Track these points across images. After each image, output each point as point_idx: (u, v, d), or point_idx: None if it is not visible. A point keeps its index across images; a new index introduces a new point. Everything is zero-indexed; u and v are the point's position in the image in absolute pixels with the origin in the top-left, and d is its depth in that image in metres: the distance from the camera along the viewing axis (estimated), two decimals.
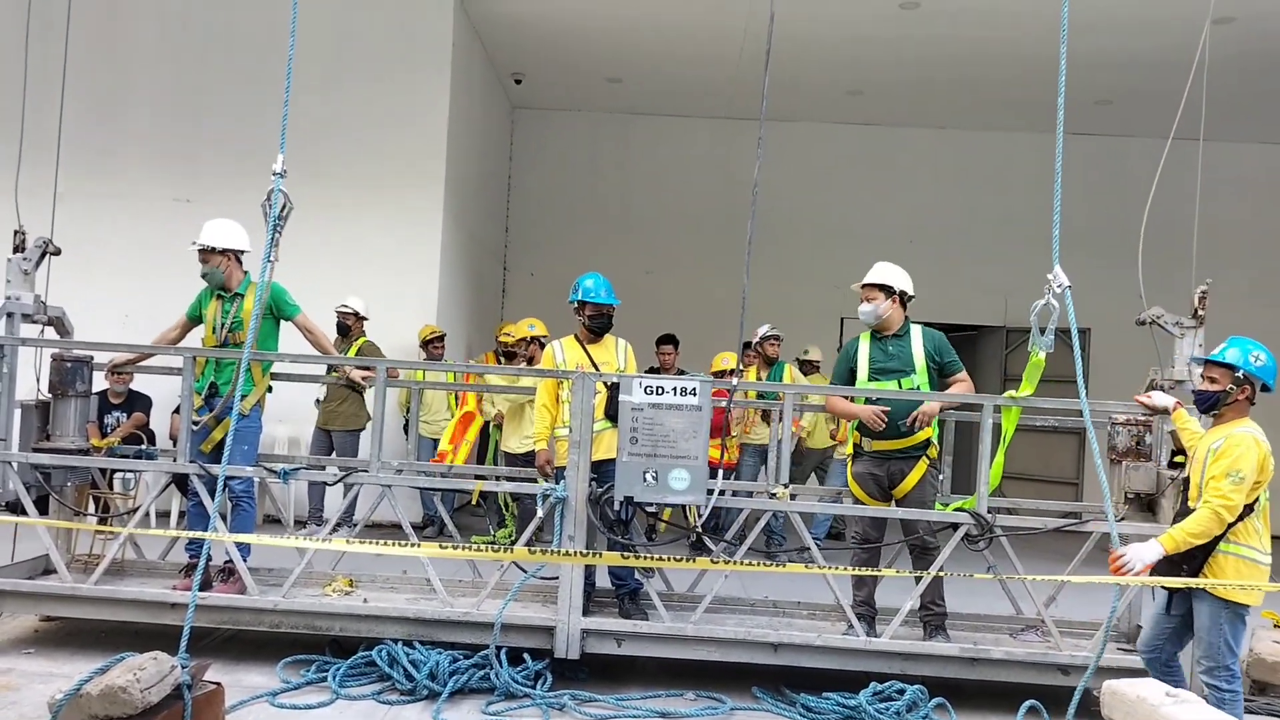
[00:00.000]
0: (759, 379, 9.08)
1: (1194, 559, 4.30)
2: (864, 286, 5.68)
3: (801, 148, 13.81)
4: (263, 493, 9.24)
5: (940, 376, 5.61)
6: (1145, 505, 5.37)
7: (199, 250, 5.86)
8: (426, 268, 10.21)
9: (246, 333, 5.68)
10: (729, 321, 5.98)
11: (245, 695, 4.80)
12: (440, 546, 4.73)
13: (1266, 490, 4.28)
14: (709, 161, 13.88)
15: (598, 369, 5.79)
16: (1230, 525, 4.22)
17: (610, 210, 14.11)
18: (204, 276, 5.91)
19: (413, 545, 4.53)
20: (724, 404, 5.80)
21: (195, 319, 6.03)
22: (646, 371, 7.77)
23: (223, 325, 5.85)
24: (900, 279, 5.67)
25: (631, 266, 12.95)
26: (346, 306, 9.03)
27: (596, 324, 5.93)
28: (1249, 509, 4.23)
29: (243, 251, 5.92)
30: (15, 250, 5.79)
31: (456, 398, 9.38)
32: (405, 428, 8.70)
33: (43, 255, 5.87)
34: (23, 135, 6.21)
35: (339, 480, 5.54)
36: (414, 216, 10.15)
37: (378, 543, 4.54)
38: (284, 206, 4.97)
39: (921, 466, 5.51)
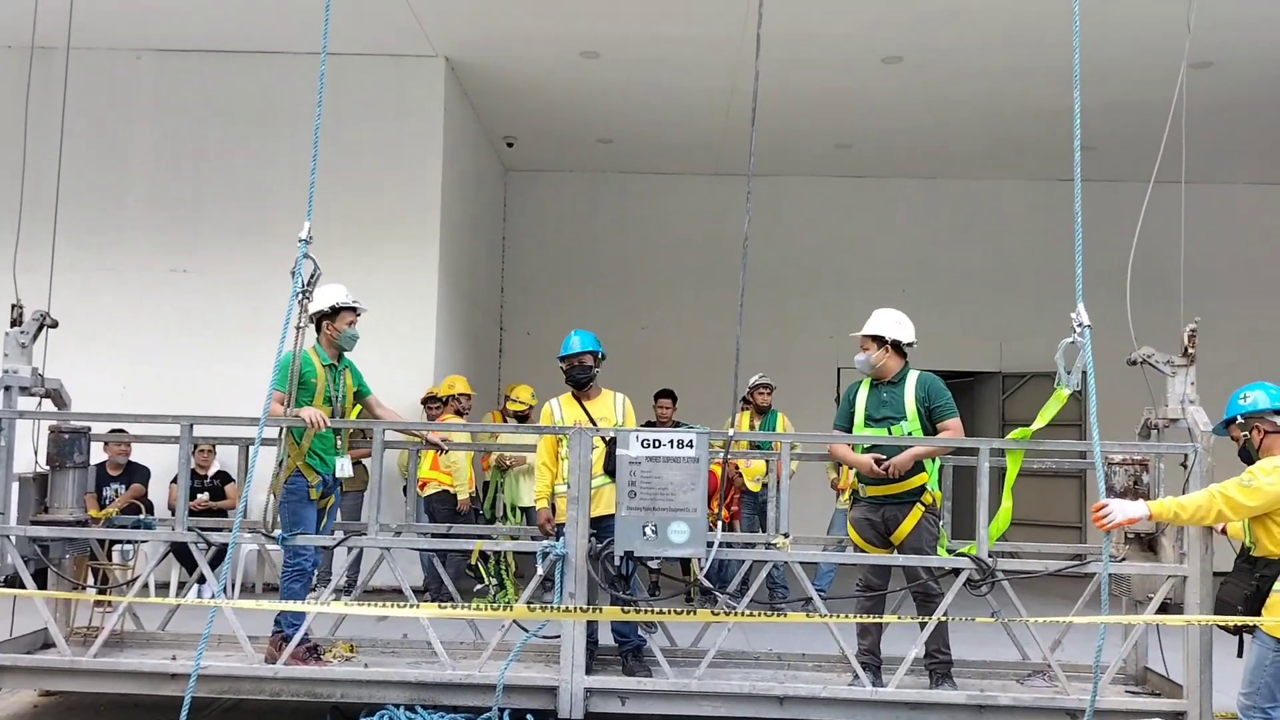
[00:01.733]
0: (751, 429, 9.08)
1: (1251, 600, 4.32)
2: (861, 337, 5.75)
3: (793, 201, 13.97)
4: (262, 560, 9.20)
5: (931, 423, 5.59)
6: (1146, 545, 5.36)
7: (351, 309, 5.80)
8: (423, 330, 10.27)
9: (350, 408, 5.77)
10: (724, 375, 6.00)
11: None
12: (440, 607, 4.70)
13: None
14: (701, 218, 14.01)
15: (595, 424, 5.81)
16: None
17: (604, 268, 14.22)
18: (349, 339, 5.80)
19: (413, 607, 4.51)
20: (719, 456, 5.81)
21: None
22: (644, 425, 7.77)
23: (336, 397, 5.71)
24: (893, 328, 5.71)
25: (626, 323, 13.02)
26: None
27: (573, 377, 6.03)
28: None
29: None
30: (13, 324, 5.83)
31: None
32: (405, 489, 8.70)
33: (40, 328, 5.90)
34: (21, 209, 6.29)
35: (339, 544, 5.52)
36: (410, 280, 10.22)
37: (378, 605, 4.52)
38: (312, 273, 5.02)
39: (917, 512, 5.50)
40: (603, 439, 5.59)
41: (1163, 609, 5.18)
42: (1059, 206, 13.61)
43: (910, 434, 5.53)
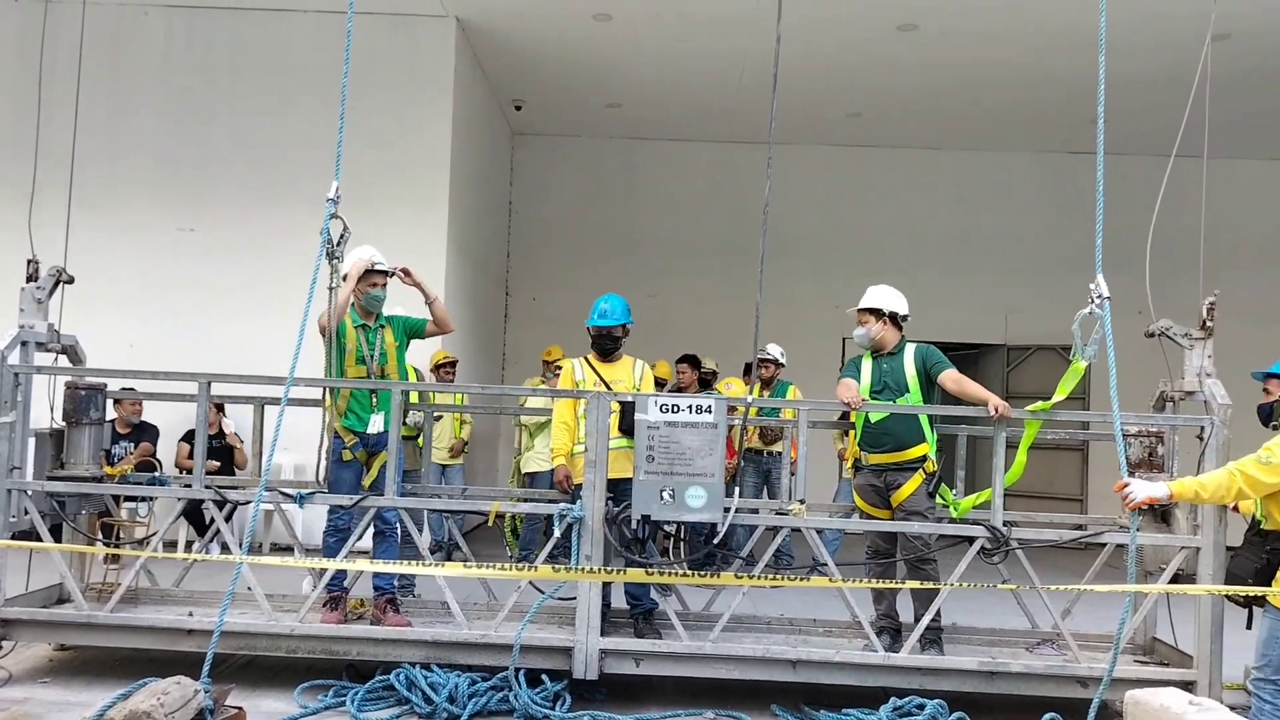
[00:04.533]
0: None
1: (1262, 574, 4.35)
2: (858, 311, 5.81)
3: (801, 170, 13.90)
4: (271, 520, 9.23)
5: (932, 385, 5.71)
6: (1160, 516, 5.39)
7: (377, 273, 5.82)
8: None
9: (393, 365, 5.78)
10: (732, 343, 6.05)
11: None
12: (464, 566, 4.73)
13: None
14: (710, 185, 13.97)
15: (609, 387, 5.83)
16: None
17: (612, 234, 14.18)
18: (374, 300, 5.83)
19: (433, 565, 4.54)
20: (736, 423, 5.85)
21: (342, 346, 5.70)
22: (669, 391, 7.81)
23: (371, 357, 5.75)
24: (890, 301, 5.85)
25: (634, 290, 12.92)
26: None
27: (599, 346, 6.07)
28: None
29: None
30: (29, 279, 5.81)
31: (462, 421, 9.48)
32: (419, 450, 8.75)
33: (56, 284, 5.88)
34: (36, 165, 6.26)
35: (355, 504, 5.54)
36: (418, 245, 10.14)
37: (399, 563, 4.54)
38: (342, 233, 5.03)
39: (918, 478, 5.61)
40: (619, 403, 5.61)
41: (1174, 580, 5.22)
42: (1066, 180, 13.62)
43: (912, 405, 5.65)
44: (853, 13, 9.79)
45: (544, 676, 5.19)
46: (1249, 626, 4.59)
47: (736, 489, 8.98)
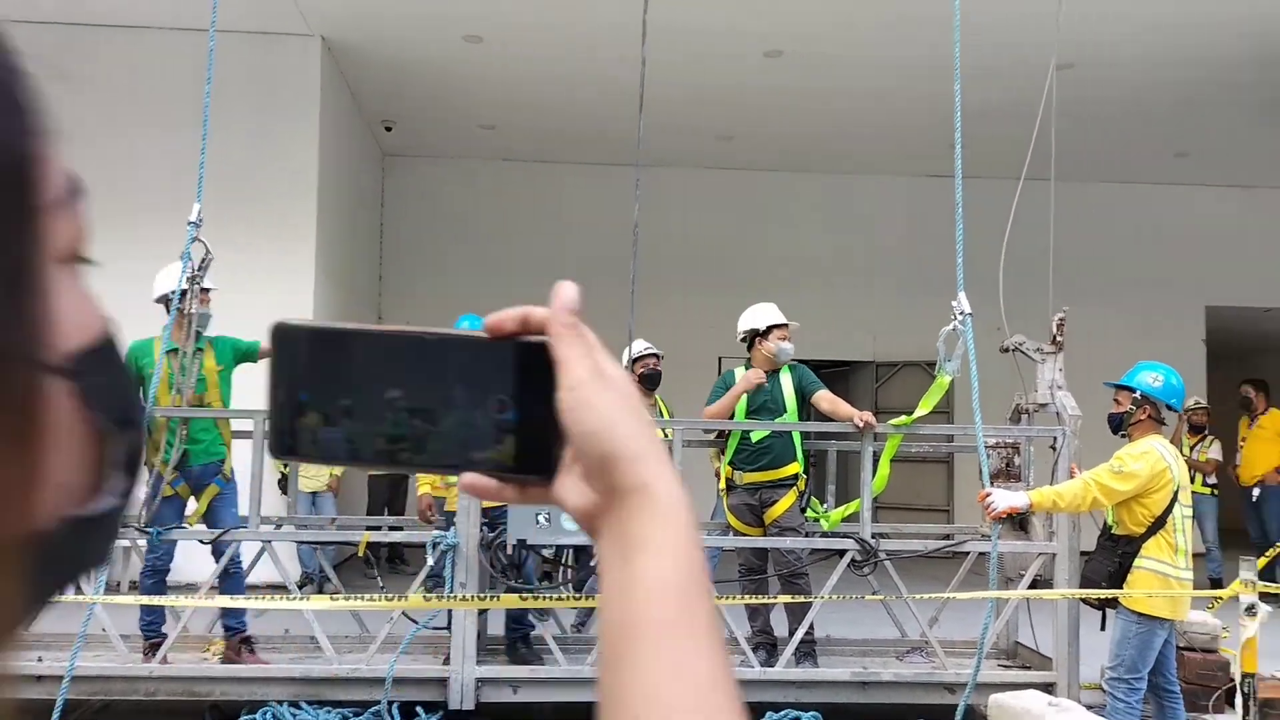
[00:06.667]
0: None
1: (1114, 577, 4.53)
2: (784, 326, 5.85)
3: (675, 192, 14.08)
4: (129, 557, 8.80)
5: (805, 400, 5.85)
6: (1019, 524, 5.61)
7: (202, 291, 5.48)
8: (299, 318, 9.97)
9: (215, 392, 5.46)
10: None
11: None
12: (330, 599, 4.59)
13: (1186, 509, 4.51)
14: (586, 207, 14.00)
15: None
16: (1143, 538, 4.43)
17: (487, 258, 14.06)
18: (202, 321, 5.50)
19: (299, 599, 4.39)
20: None
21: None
22: None
23: (186, 383, 5.39)
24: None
25: None
26: None
27: None
28: (1159, 524, 4.45)
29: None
30: None
31: None
32: (281, 483, 8.47)
33: None
34: None
35: (215, 538, 5.32)
36: (285, 268, 9.92)
37: (261, 597, 4.38)
38: (204, 257, 4.84)
39: (792, 495, 5.70)
40: None
41: (1033, 585, 5.44)
42: (933, 202, 14.12)
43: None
44: (720, 39, 9.99)
45: (419, 709, 5.08)
46: (1103, 628, 4.80)
47: None
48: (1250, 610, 3.82)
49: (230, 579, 5.48)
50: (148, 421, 5.20)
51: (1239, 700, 3.86)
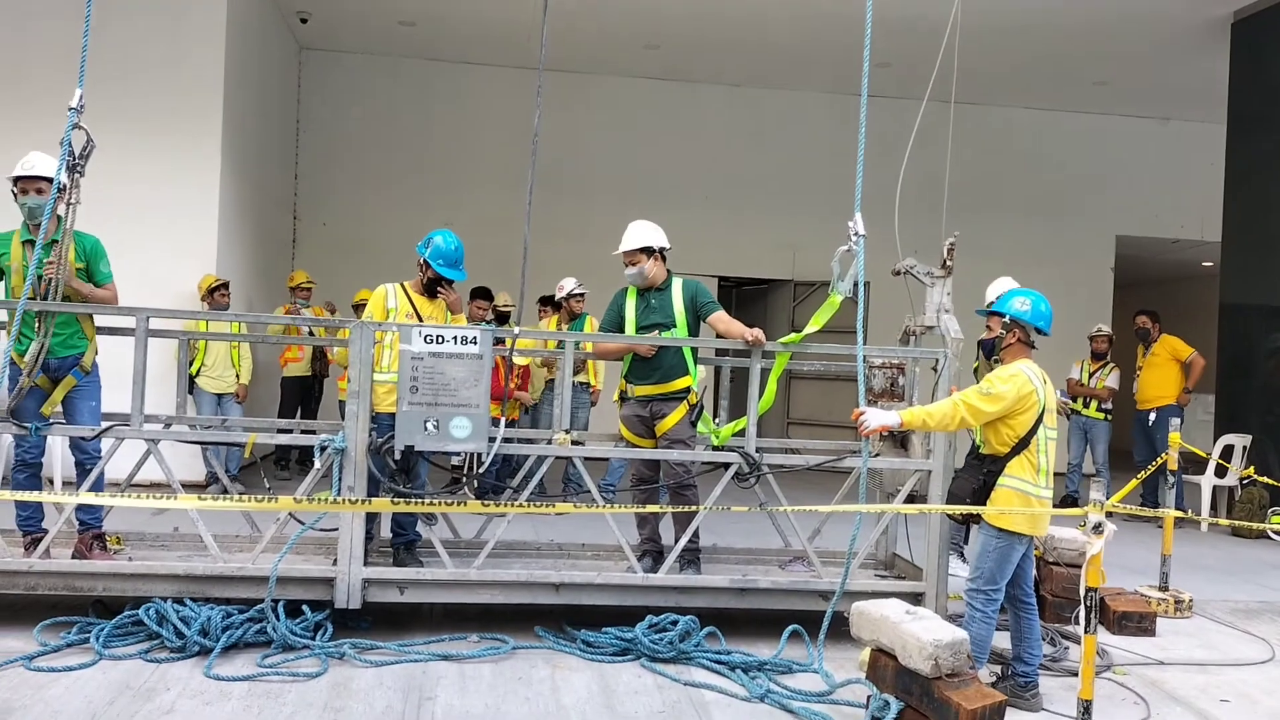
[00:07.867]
0: (559, 329, 9.18)
1: (979, 494, 4.70)
2: (626, 253, 5.87)
3: (600, 101, 13.90)
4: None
5: (699, 321, 5.89)
6: (899, 442, 5.80)
7: (23, 179, 5.22)
8: (204, 217, 9.75)
9: (73, 284, 5.29)
10: (532, 274, 6.08)
11: None
12: (212, 499, 4.59)
13: (1051, 430, 4.68)
14: (508, 112, 13.72)
15: (421, 320, 5.77)
16: (1007, 457, 4.60)
17: (407, 159, 13.79)
18: (30, 209, 5.25)
19: (178, 498, 4.39)
20: (503, 353, 5.88)
21: None
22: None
23: (39, 276, 5.16)
24: (655, 237, 5.96)
25: (430, 218, 12.68)
26: None
27: (430, 286, 6.01)
28: (1023, 444, 4.61)
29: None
30: None
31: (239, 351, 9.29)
32: (189, 386, 8.46)
33: None
34: None
35: (97, 435, 5.27)
36: (190, 163, 9.66)
37: (141, 496, 4.37)
38: (85, 145, 4.66)
39: (682, 409, 5.79)
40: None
41: (909, 500, 5.64)
42: (852, 120, 14.09)
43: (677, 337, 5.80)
44: None
45: (305, 608, 5.14)
46: (965, 542, 5.02)
47: (530, 420, 9.18)
48: (1097, 528, 4.02)
49: (85, 474, 5.40)
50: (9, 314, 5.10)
51: (1081, 612, 4.08)
